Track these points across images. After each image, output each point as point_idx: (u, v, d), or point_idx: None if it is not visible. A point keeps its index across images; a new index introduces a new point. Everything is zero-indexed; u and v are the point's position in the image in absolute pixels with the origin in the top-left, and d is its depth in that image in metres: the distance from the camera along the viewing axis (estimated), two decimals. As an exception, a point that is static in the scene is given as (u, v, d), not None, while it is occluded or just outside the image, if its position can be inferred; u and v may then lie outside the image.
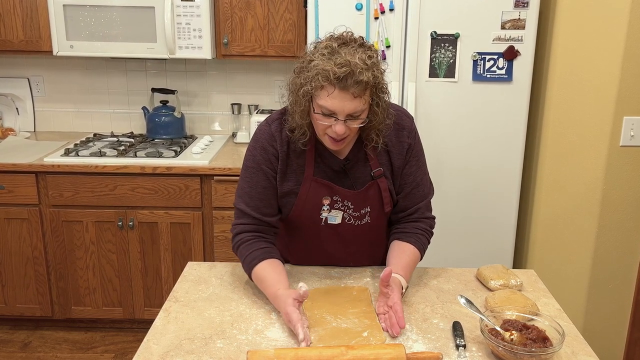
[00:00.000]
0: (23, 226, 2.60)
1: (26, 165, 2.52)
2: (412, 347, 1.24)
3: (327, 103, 1.28)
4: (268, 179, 1.45)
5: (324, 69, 1.24)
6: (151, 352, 1.21)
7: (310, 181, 1.44)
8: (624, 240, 2.39)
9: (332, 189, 1.45)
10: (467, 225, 2.49)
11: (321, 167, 1.45)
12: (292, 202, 1.46)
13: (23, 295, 2.69)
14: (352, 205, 1.47)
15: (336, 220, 1.48)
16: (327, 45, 1.28)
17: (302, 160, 1.44)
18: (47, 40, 2.65)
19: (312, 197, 1.45)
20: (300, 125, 1.37)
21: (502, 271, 1.53)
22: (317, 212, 1.47)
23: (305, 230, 1.52)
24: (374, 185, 1.47)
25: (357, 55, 1.25)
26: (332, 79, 1.24)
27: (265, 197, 1.46)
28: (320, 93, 1.28)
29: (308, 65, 1.29)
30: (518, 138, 2.40)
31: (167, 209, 2.58)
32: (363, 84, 1.25)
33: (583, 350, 1.25)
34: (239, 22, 2.65)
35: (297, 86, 1.32)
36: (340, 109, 1.28)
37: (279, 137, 1.43)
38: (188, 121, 3.06)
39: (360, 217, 1.49)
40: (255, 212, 1.45)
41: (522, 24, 2.28)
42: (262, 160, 1.44)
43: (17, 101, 3.05)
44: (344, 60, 1.23)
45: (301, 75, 1.31)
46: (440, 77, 2.35)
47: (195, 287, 1.49)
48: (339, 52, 1.25)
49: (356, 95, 1.26)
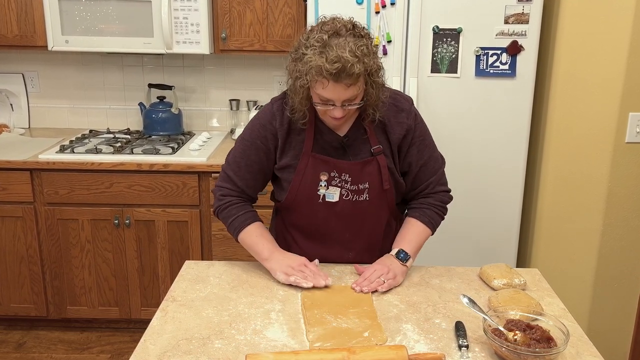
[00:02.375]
0: (17, 224, 2.58)
1: (21, 162, 2.50)
2: (414, 347, 1.23)
3: (323, 93, 1.37)
4: (259, 155, 1.54)
5: (317, 65, 1.32)
6: (148, 353, 1.21)
7: (309, 156, 1.51)
8: (629, 238, 2.38)
9: (330, 163, 1.51)
10: (470, 224, 2.48)
11: (320, 144, 1.52)
12: (290, 177, 1.53)
13: (17, 294, 2.67)
14: (350, 178, 1.52)
15: (334, 198, 1.53)
16: (319, 38, 1.34)
17: (302, 137, 1.52)
18: (42, 35, 2.64)
19: (310, 172, 1.51)
20: (299, 110, 1.45)
21: (506, 270, 1.53)
22: (314, 188, 1.52)
23: (304, 209, 1.56)
24: (373, 161, 1.52)
25: (347, 47, 1.32)
26: (325, 74, 1.32)
27: (252, 170, 1.55)
28: (316, 85, 1.37)
29: (303, 59, 1.36)
30: (522, 134, 2.39)
31: (164, 206, 2.56)
32: (355, 76, 1.33)
33: (588, 350, 1.24)
34: (237, 16, 2.63)
35: (294, 77, 1.41)
36: (336, 97, 1.37)
37: (280, 116, 1.50)
38: (185, 117, 3.04)
39: (358, 192, 1.53)
40: (240, 182, 1.56)
41: (526, 18, 2.27)
42: (257, 136, 1.53)
43: (12, 97, 3.04)
44: (336, 57, 1.30)
45: (297, 65, 1.39)
46: (443, 73, 2.34)
47: (193, 286, 1.49)
48: (331, 45, 1.32)
49: (349, 85, 1.35)
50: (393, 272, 1.48)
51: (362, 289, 1.43)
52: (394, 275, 1.48)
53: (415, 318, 1.34)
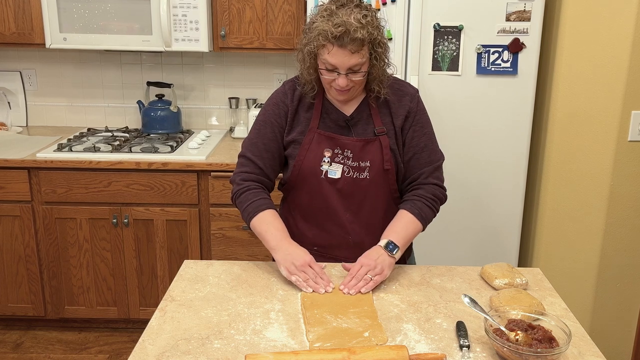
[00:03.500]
0: (15, 223, 2.57)
1: (18, 160, 2.49)
2: (415, 347, 1.23)
3: (329, 59, 1.44)
4: (274, 132, 1.60)
5: (323, 29, 1.42)
6: (146, 353, 1.20)
7: (314, 132, 1.57)
8: (632, 237, 2.38)
9: (334, 139, 1.57)
10: (471, 223, 2.47)
11: (326, 122, 1.58)
12: (295, 152, 1.58)
13: (15, 294, 2.66)
14: (352, 154, 1.56)
15: (336, 175, 1.57)
16: (327, 8, 1.45)
17: (309, 114, 1.59)
18: (40, 33, 2.62)
19: (315, 147, 1.57)
20: (308, 81, 1.54)
21: (507, 269, 1.52)
22: (318, 164, 1.57)
23: (307, 185, 1.60)
24: (375, 141, 1.57)
25: (352, 15, 1.42)
26: (330, 38, 1.41)
27: (270, 149, 1.60)
28: (322, 51, 1.45)
29: (311, 27, 1.47)
30: (523, 133, 2.38)
31: (162, 205, 2.55)
32: (359, 41, 1.41)
33: (590, 350, 1.24)
34: (237, 13, 2.62)
35: (303, 45, 1.50)
36: (340, 63, 1.44)
37: (291, 94, 1.60)
38: (184, 115, 3.03)
39: (359, 169, 1.57)
40: (260, 161, 1.59)
41: (528, 15, 2.26)
42: (271, 114, 1.60)
43: (9, 95, 3.02)
44: (340, 21, 1.40)
45: (306, 36, 1.49)
46: (444, 71, 2.34)
47: (192, 286, 1.48)
48: (337, 13, 1.42)
49: (354, 51, 1.42)
50: (381, 266, 1.46)
51: (349, 290, 1.42)
52: (382, 270, 1.46)
53: (416, 318, 1.34)
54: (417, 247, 1.82)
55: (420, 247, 1.95)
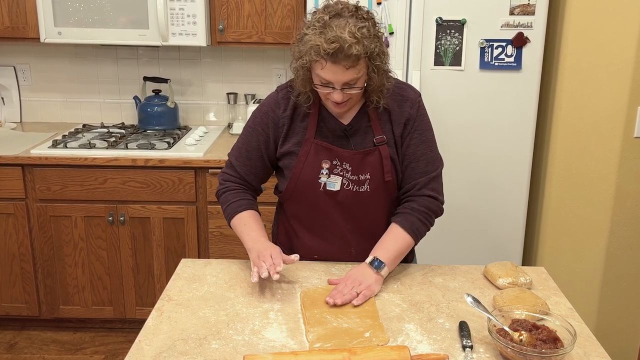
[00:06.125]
0: (9, 221, 2.55)
1: (12, 157, 2.47)
2: (417, 348, 1.22)
3: (322, 74, 1.38)
4: (258, 142, 1.56)
5: (315, 44, 1.33)
6: (143, 354, 1.20)
7: (311, 143, 1.51)
8: (638, 235, 2.37)
9: (332, 151, 1.51)
10: (475, 221, 2.47)
11: (323, 131, 1.52)
12: (292, 164, 1.53)
13: (9, 293, 2.65)
14: (351, 167, 1.51)
15: (335, 187, 1.52)
16: (320, 18, 1.36)
17: (305, 124, 1.53)
18: (34, 27, 2.61)
19: (312, 159, 1.51)
20: (303, 92, 1.47)
21: (511, 268, 1.51)
22: (316, 176, 1.52)
23: (305, 198, 1.55)
24: (375, 151, 1.51)
25: (347, 28, 1.32)
26: (322, 54, 1.33)
27: (252, 157, 1.57)
28: (315, 65, 1.38)
29: (303, 38, 1.38)
30: (527, 129, 2.37)
31: (159, 203, 2.54)
32: (354, 57, 1.33)
33: (595, 351, 1.23)
34: (235, 7, 2.60)
35: (296, 57, 1.42)
36: (334, 79, 1.38)
37: (284, 103, 1.53)
38: (182, 111, 3.02)
39: (359, 182, 1.51)
40: (240, 168, 1.59)
41: (532, 9, 2.25)
42: (259, 122, 1.56)
43: (3, 91, 3.01)
44: (334, 36, 1.31)
45: (299, 46, 1.41)
46: (446, 65, 2.32)
47: (189, 285, 1.48)
48: (331, 25, 1.33)
49: (348, 67, 1.35)
50: (366, 283, 1.41)
51: (335, 301, 1.35)
52: (367, 286, 1.41)
53: (418, 318, 1.33)
54: (419, 246, 1.78)
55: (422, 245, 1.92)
